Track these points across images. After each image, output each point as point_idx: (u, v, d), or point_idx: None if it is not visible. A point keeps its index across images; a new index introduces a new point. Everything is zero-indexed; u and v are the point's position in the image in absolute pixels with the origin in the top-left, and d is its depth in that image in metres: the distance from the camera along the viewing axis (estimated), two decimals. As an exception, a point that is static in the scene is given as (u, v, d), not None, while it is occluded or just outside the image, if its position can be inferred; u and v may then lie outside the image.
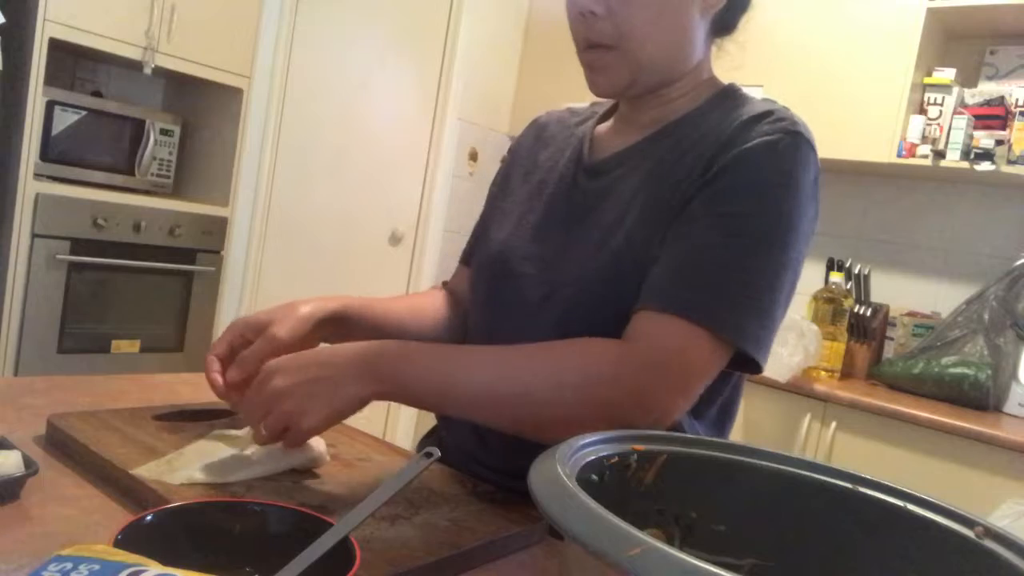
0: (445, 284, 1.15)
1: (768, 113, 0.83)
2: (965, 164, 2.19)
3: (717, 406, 0.90)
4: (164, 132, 2.66)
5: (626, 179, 0.89)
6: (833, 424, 2.11)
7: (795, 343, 2.19)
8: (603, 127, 0.99)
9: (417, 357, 0.77)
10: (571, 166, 0.96)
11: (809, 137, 0.82)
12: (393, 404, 3.24)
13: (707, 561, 0.33)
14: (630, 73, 0.85)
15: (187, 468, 0.71)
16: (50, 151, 2.37)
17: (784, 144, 0.79)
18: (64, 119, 2.39)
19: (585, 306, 0.86)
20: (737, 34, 0.93)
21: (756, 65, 2.46)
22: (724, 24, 0.91)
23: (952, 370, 2.16)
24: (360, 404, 0.75)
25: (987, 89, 2.31)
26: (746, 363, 0.79)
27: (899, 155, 2.30)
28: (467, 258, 1.11)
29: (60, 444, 0.77)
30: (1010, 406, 2.15)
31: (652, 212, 0.84)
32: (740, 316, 0.76)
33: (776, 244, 0.78)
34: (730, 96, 0.90)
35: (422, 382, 0.76)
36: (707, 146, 0.83)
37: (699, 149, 0.84)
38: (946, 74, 2.32)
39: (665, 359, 0.76)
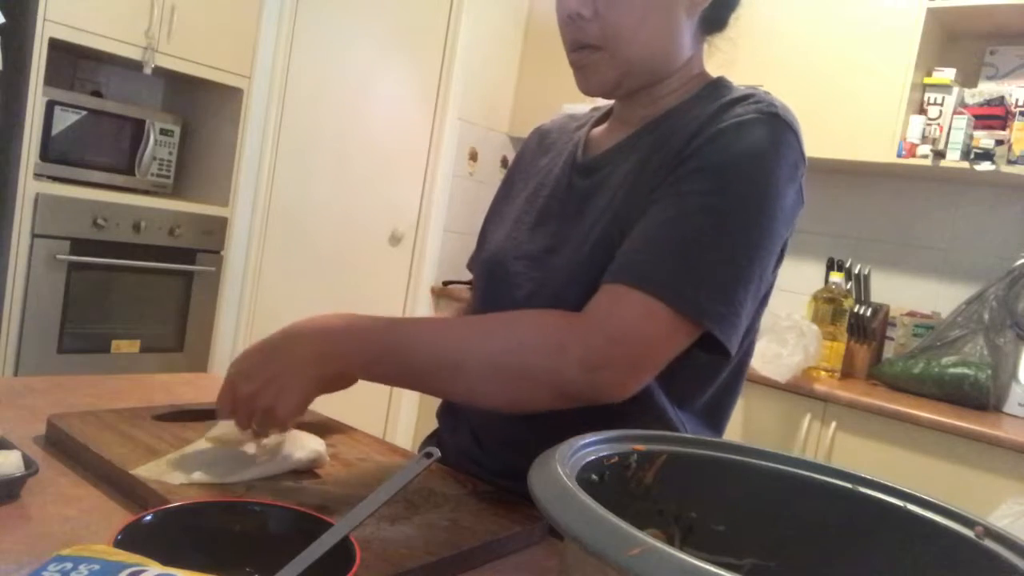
0: (442, 284, 1.16)
1: (746, 97, 0.83)
2: (965, 164, 2.19)
3: (707, 397, 0.90)
4: (164, 132, 2.66)
5: (614, 174, 0.89)
6: (833, 424, 2.11)
7: (795, 343, 2.19)
8: (598, 129, 1.00)
9: (366, 333, 0.79)
10: (566, 168, 0.96)
11: (788, 119, 0.80)
12: (392, 404, 3.25)
13: (707, 561, 0.33)
14: (617, 73, 0.86)
15: (187, 468, 0.71)
16: (50, 151, 2.37)
17: (755, 123, 0.79)
18: (64, 119, 2.39)
19: (570, 301, 0.85)
20: (729, 30, 0.93)
21: (756, 65, 2.46)
22: (714, 22, 0.91)
23: (952, 370, 2.16)
24: (329, 383, 0.77)
25: (987, 89, 2.31)
26: (716, 345, 0.77)
27: (899, 155, 2.30)
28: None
29: (60, 444, 0.77)
30: (1010, 406, 2.15)
31: (635, 200, 0.84)
32: (698, 291, 0.74)
33: (738, 221, 0.77)
34: (717, 88, 0.90)
35: (374, 357, 0.77)
36: (688, 131, 0.83)
37: (680, 136, 0.84)
38: (946, 74, 2.32)
39: (616, 331, 0.74)
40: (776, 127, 0.79)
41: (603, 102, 1.00)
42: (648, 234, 0.78)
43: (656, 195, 0.81)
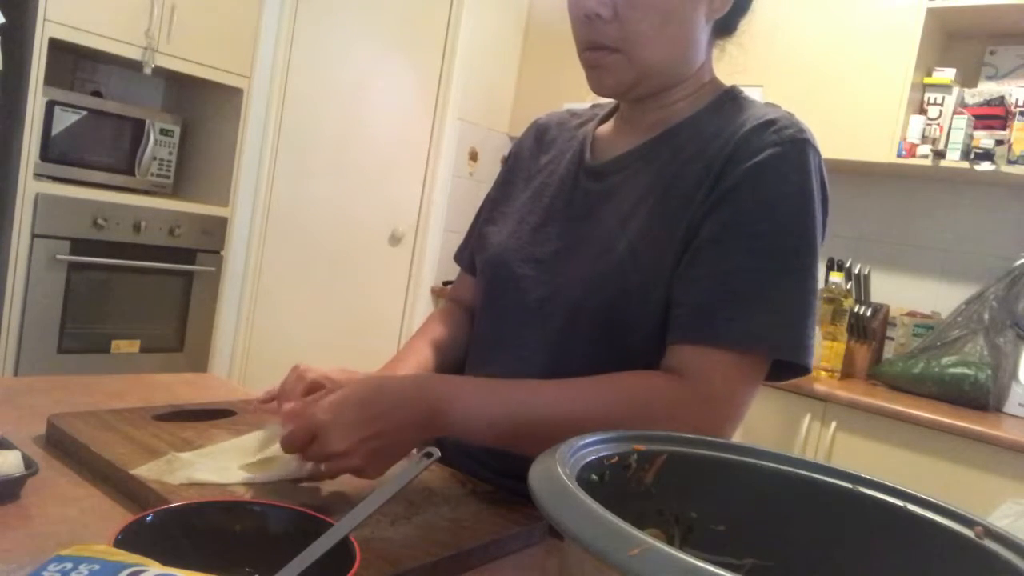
0: (434, 281, 1.15)
1: (772, 121, 0.83)
2: (965, 164, 2.19)
3: None
4: (164, 132, 2.66)
5: (629, 183, 0.88)
6: (833, 424, 2.11)
7: (795, 343, 2.19)
8: (604, 128, 0.99)
9: (472, 400, 0.77)
10: (572, 168, 0.95)
11: (814, 142, 0.83)
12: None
13: (707, 561, 0.33)
14: (633, 76, 0.85)
15: (187, 468, 0.71)
16: (50, 151, 2.37)
17: (795, 154, 0.81)
18: (64, 119, 2.39)
19: (587, 311, 0.86)
20: (738, 36, 0.93)
21: (756, 65, 2.45)
22: (725, 26, 0.91)
23: (952, 370, 2.16)
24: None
25: (987, 89, 2.31)
26: (795, 368, 0.81)
27: (899, 155, 2.30)
28: (468, 264, 1.10)
29: (60, 444, 0.77)
30: (1010, 406, 2.15)
31: (659, 220, 0.84)
32: (791, 334, 0.78)
33: (804, 253, 0.80)
34: (731, 99, 0.90)
35: (491, 422, 0.76)
36: (713, 154, 0.83)
37: (705, 157, 0.84)
38: (946, 74, 2.32)
39: (720, 395, 0.78)
40: (810, 154, 0.82)
41: (606, 100, 1.00)
42: (719, 285, 0.79)
43: (712, 235, 0.80)
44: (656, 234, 0.83)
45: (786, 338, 0.78)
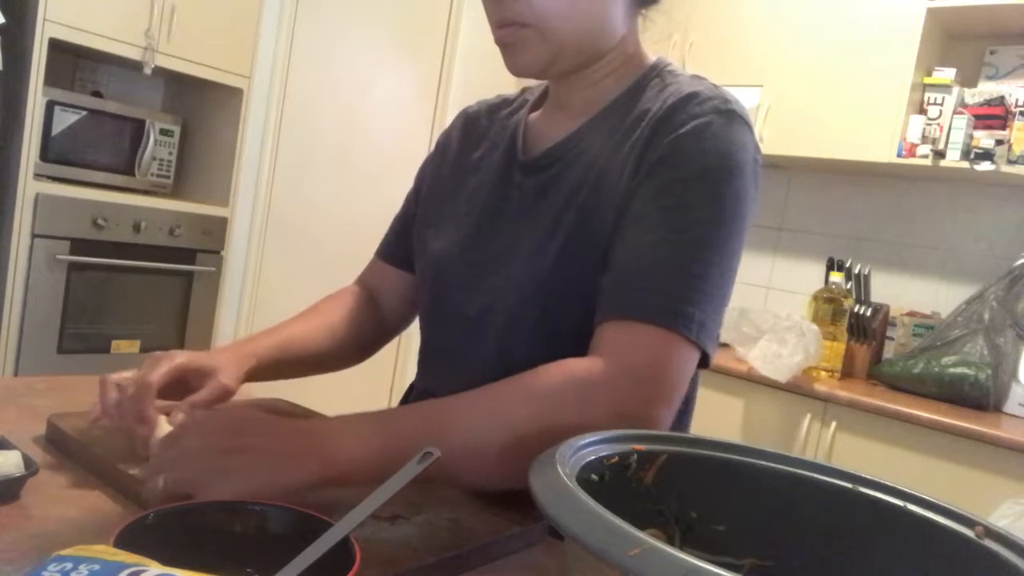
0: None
1: (695, 94, 0.80)
2: (965, 164, 2.19)
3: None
4: (164, 132, 2.66)
5: (562, 177, 0.85)
6: (833, 424, 2.11)
7: (795, 343, 2.19)
8: (535, 115, 0.95)
9: (356, 432, 0.69)
10: (505, 163, 0.91)
11: (743, 114, 0.79)
12: (393, 401, 3.25)
13: (707, 561, 0.33)
14: (548, 52, 0.81)
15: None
16: (50, 151, 2.37)
17: (718, 126, 0.77)
18: (64, 119, 2.39)
19: (525, 318, 0.83)
20: (663, 2, 0.88)
21: (756, 65, 2.45)
22: None
23: (952, 370, 2.16)
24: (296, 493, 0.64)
25: (987, 89, 2.31)
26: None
27: (899, 155, 2.30)
28: (386, 253, 1.08)
29: (60, 444, 0.77)
30: (1010, 406, 2.15)
31: (591, 213, 0.81)
32: (700, 313, 0.74)
33: (723, 232, 0.76)
34: (657, 75, 0.86)
35: (364, 464, 0.67)
36: (637, 136, 0.80)
37: (630, 139, 0.81)
38: (946, 74, 2.32)
39: (640, 370, 0.72)
40: (735, 126, 0.78)
41: (536, 82, 0.95)
42: (639, 260, 0.75)
43: (634, 210, 0.77)
44: (589, 229, 0.80)
45: (694, 314, 0.73)
